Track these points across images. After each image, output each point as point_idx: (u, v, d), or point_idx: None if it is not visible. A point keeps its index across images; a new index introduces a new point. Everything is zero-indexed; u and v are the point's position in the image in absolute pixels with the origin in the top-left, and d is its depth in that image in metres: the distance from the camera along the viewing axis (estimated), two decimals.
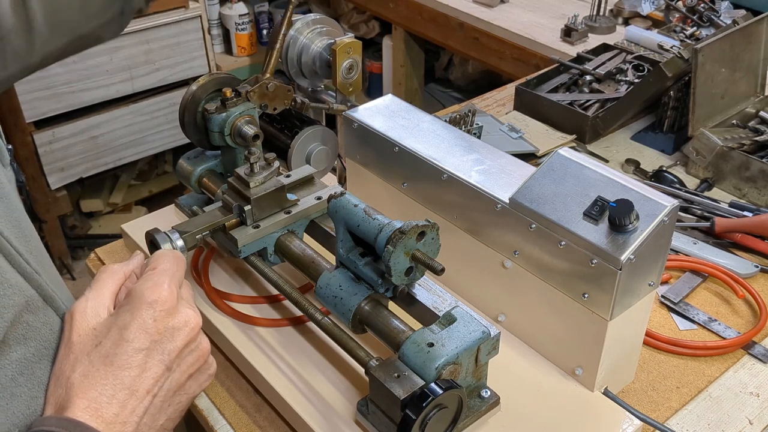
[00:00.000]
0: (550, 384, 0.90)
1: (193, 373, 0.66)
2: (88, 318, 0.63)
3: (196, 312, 0.67)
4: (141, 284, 0.65)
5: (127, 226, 1.18)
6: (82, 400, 0.58)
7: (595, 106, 1.57)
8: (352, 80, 1.13)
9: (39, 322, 0.62)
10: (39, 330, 0.62)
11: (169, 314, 0.64)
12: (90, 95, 2.47)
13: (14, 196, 0.67)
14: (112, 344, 0.61)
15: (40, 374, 0.61)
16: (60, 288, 0.68)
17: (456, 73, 3.09)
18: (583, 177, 0.86)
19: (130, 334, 0.61)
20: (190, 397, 0.67)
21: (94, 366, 0.60)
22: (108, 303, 0.65)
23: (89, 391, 0.59)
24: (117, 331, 0.62)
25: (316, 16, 1.16)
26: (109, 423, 0.58)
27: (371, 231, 0.79)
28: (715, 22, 1.75)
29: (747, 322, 1.09)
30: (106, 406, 0.58)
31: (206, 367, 0.68)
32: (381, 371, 0.75)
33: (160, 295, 0.64)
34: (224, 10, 3.04)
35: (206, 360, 0.68)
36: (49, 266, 0.68)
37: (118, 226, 1.21)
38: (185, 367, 0.65)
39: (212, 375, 0.69)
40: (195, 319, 0.66)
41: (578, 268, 0.83)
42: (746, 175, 1.33)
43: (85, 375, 0.60)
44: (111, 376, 0.60)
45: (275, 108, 1.07)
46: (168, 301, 0.64)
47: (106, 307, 0.65)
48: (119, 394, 0.59)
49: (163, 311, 0.63)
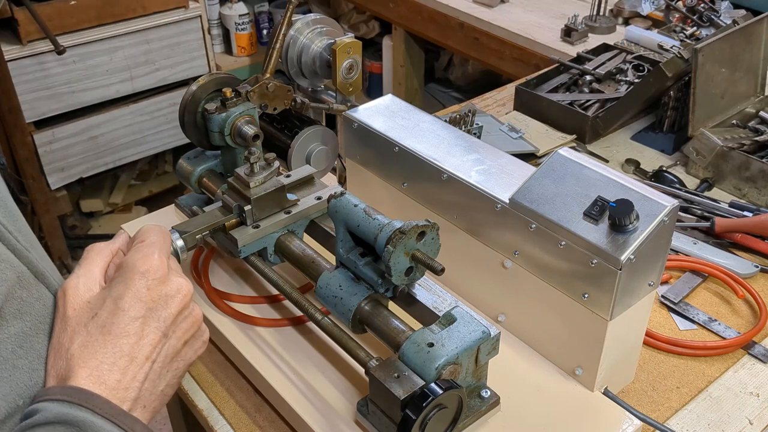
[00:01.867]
0: (550, 384, 0.90)
1: (188, 339, 0.68)
2: (81, 293, 0.64)
3: (187, 280, 0.68)
4: (131, 255, 0.67)
5: (127, 226, 1.18)
6: (84, 369, 0.60)
7: (595, 106, 1.57)
8: (352, 80, 1.13)
9: (32, 298, 0.63)
10: (33, 305, 0.63)
11: (161, 282, 0.65)
12: (90, 95, 2.47)
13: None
14: (108, 314, 0.62)
15: (39, 347, 0.62)
16: (50, 266, 0.69)
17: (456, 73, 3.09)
18: (583, 177, 0.86)
19: (125, 304, 0.63)
20: (187, 363, 0.69)
21: (92, 336, 0.61)
22: (99, 278, 0.67)
23: (90, 360, 0.60)
24: (112, 301, 0.63)
25: (317, 16, 1.16)
26: (112, 389, 0.60)
27: (371, 231, 0.79)
28: (715, 22, 1.75)
29: (747, 322, 1.09)
30: (107, 373, 0.60)
31: (200, 334, 0.70)
32: (381, 371, 0.75)
33: (151, 264, 0.65)
34: (224, 10, 3.05)
35: (200, 326, 0.70)
36: (37, 245, 0.69)
37: (118, 226, 1.21)
38: (180, 333, 0.67)
39: (206, 341, 0.71)
40: (187, 287, 0.68)
41: (578, 268, 0.83)
42: (746, 175, 1.33)
43: (84, 345, 0.61)
44: (110, 345, 0.61)
45: (275, 108, 1.07)
46: (159, 269, 0.66)
47: (98, 282, 0.66)
48: (119, 361, 0.61)
49: (155, 280, 0.65)
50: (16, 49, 2.27)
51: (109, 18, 2.41)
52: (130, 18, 2.45)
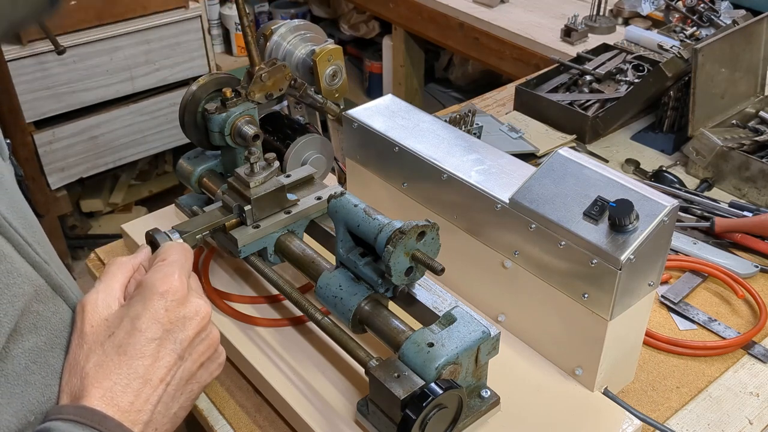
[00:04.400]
0: (550, 384, 0.90)
1: (204, 361, 0.67)
2: (100, 309, 0.64)
3: (206, 302, 0.68)
4: (152, 275, 0.66)
5: (127, 226, 1.18)
6: (98, 389, 0.59)
7: (595, 106, 1.57)
8: (337, 86, 1.13)
9: (49, 312, 0.62)
10: (49, 319, 0.62)
11: (180, 304, 0.65)
12: (90, 95, 2.47)
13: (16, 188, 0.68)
14: (125, 334, 0.62)
15: (53, 362, 0.62)
16: (67, 278, 0.68)
17: (456, 73, 3.10)
18: (583, 177, 0.86)
19: (142, 324, 0.62)
20: (202, 386, 0.68)
21: (107, 356, 0.61)
22: (118, 295, 0.66)
23: (104, 380, 0.60)
24: (129, 321, 0.63)
25: (300, 22, 1.16)
26: (124, 411, 0.59)
27: (371, 231, 0.79)
28: (715, 22, 1.75)
29: (747, 322, 1.09)
30: (120, 395, 0.59)
31: (216, 356, 0.69)
32: (381, 371, 0.75)
33: (171, 285, 0.65)
34: (224, 10, 3.04)
35: (216, 349, 0.69)
36: (55, 257, 0.69)
37: (118, 226, 1.21)
38: (196, 356, 0.66)
39: (222, 364, 0.70)
40: (205, 309, 0.67)
41: (578, 268, 0.83)
42: (746, 175, 1.33)
43: (100, 365, 0.60)
44: (125, 366, 0.60)
45: (281, 89, 1.06)
46: (179, 291, 0.65)
47: (117, 298, 0.66)
48: (133, 383, 0.60)
49: (174, 301, 0.64)
50: (16, 49, 2.27)
51: (109, 18, 2.41)
52: (130, 18, 2.45)
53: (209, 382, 0.69)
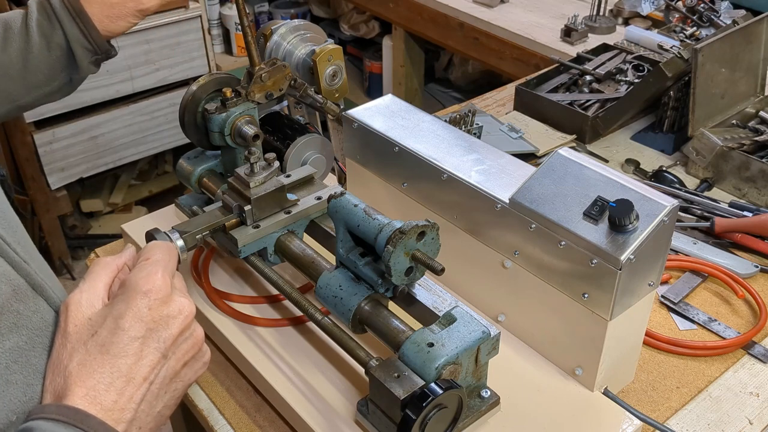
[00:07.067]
0: (550, 384, 0.90)
1: (188, 360, 0.67)
2: (83, 309, 0.64)
3: (190, 301, 0.68)
4: (135, 274, 0.66)
5: (127, 226, 1.18)
6: (81, 388, 0.59)
7: (595, 106, 1.57)
8: (338, 86, 1.13)
9: (29, 311, 0.63)
10: (30, 318, 0.62)
11: (163, 303, 0.65)
12: (90, 95, 2.47)
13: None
14: (108, 333, 0.62)
15: (35, 362, 0.62)
16: (49, 278, 0.68)
17: (456, 73, 3.10)
18: (583, 177, 0.86)
19: (125, 323, 0.62)
20: (186, 385, 0.68)
21: (90, 355, 0.61)
22: (102, 294, 0.66)
23: (87, 379, 0.60)
24: (112, 320, 0.62)
25: (300, 22, 1.16)
26: (107, 410, 0.59)
27: (371, 231, 0.79)
28: (715, 22, 1.75)
29: (747, 322, 1.09)
30: (104, 394, 0.59)
31: (200, 355, 0.69)
32: (381, 371, 0.75)
33: (154, 284, 0.65)
34: (224, 10, 3.05)
35: (200, 348, 0.69)
36: (36, 257, 0.69)
37: (118, 226, 1.21)
38: (180, 355, 0.66)
39: (206, 363, 0.70)
40: (189, 308, 0.67)
41: (578, 268, 0.83)
42: (746, 175, 1.33)
43: (83, 364, 0.60)
44: (108, 365, 0.60)
45: (281, 89, 1.07)
46: (162, 289, 0.65)
47: (101, 298, 0.66)
48: (117, 381, 0.60)
49: (157, 300, 0.64)
50: None
51: None
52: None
53: (193, 381, 0.69)
